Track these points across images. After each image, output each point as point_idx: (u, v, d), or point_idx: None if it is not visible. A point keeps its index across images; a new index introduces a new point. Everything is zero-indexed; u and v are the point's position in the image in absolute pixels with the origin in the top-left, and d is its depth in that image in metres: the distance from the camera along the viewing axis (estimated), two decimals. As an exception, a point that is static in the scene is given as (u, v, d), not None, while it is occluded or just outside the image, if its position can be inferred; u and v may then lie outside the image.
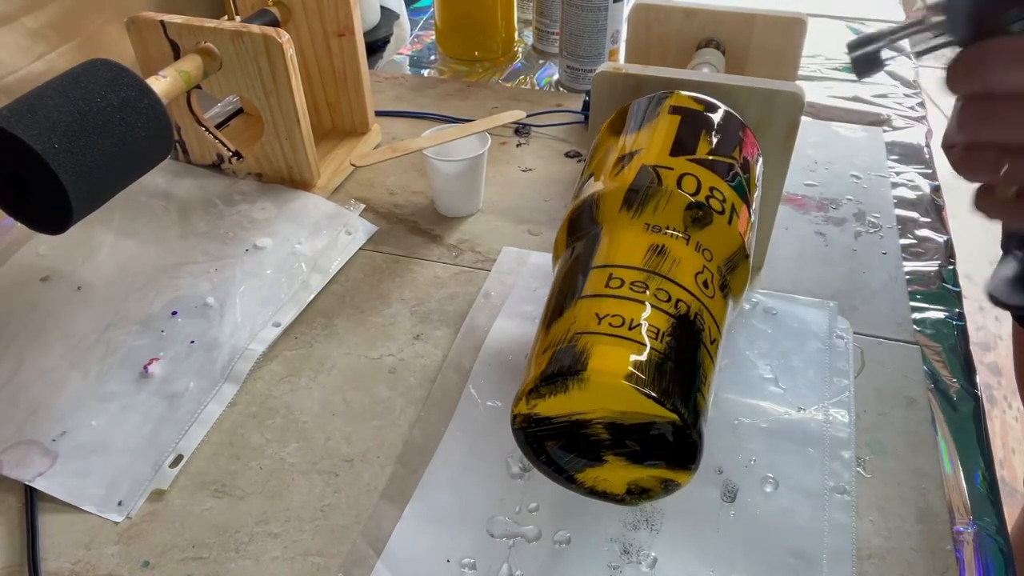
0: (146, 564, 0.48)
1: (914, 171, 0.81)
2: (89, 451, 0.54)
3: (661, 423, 0.41)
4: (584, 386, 0.41)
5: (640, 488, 0.45)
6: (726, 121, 0.53)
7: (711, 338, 0.44)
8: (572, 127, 0.89)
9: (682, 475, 0.43)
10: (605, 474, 0.45)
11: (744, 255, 0.48)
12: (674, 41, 0.72)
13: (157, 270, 0.67)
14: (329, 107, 0.84)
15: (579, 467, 0.45)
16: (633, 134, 0.52)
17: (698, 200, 0.47)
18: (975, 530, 0.49)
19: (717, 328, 0.45)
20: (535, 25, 1.05)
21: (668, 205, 0.47)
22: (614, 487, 0.46)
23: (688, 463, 0.42)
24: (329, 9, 0.75)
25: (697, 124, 0.52)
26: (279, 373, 0.60)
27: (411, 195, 0.78)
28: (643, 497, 0.45)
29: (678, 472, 0.43)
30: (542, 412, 0.43)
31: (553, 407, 0.42)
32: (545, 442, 0.45)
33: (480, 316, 0.63)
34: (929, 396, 0.57)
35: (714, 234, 0.47)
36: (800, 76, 0.73)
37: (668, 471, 0.43)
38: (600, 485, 0.46)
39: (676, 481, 0.43)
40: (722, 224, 0.47)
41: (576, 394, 0.41)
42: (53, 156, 0.49)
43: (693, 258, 0.46)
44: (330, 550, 0.48)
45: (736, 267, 0.48)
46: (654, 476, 0.44)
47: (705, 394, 0.42)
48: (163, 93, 0.61)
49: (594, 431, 0.43)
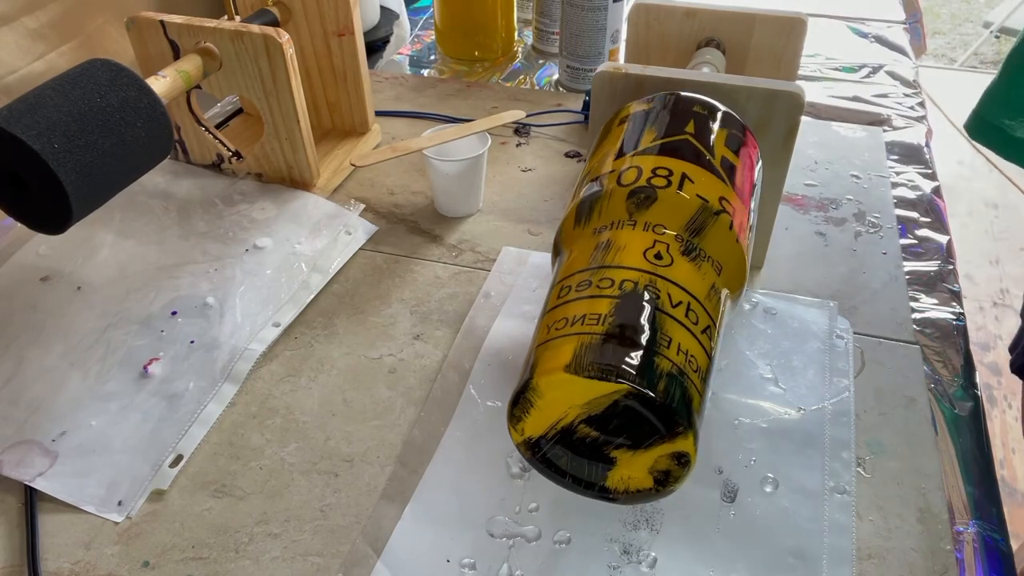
0: (146, 564, 0.48)
1: (914, 171, 0.81)
2: (89, 451, 0.54)
3: (621, 397, 0.40)
4: (539, 393, 0.42)
5: (664, 472, 0.43)
6: (671, 105, 0.54)
7: (673, 302, 0.44)
8: (572, 127, 0.89)
9: (680, 441, 0.41)
10: (625, 472, 0.44)
11: (711, 213, 0.47)
12: (674, 41, 0.72)
13: (157, 270, 0.67)
14: (329, 107, 0.84)
15: (601, 475, 0.45)
16: (596, 155, 0.55)
17: (637, 186, 0.48)
18: (975, 530, 0.49)
19: (682, 290, 0.44)
20: (535, 25, 1.05)
21: (610, 203, 0.49)
22: (642, 481, 0.44)
23: (674, 427, 0.41)
24: (329, 9, 0.75)
25: (640, 121, 0.54)
26: (279, 373, 0.60)
27: (411, 195, 0.78)
28: (674, 481, 0.43)
29: (676, 441, 0.41)
30: (533, 434, 0.44)
31: (536, 425, 0.44)
32: (557, 462, 0.45)
33: (480, 316, 0.63)
34: (929, 396, 0.57)
35: (662, 207, 0.48)
36: (800, 76, 0.73)
37: (668, 443, 0.42)
38: (632, 485, 0.45)
39: (682, 451, 0.41)
40: (670, 195, 0.48)
41: (541, 404, 0.42)
42: (53, 156, 0.49)
43: (640, 238, 0.47)
44: (330, 550, 0.48)
45: (704, 227, 0.48)
46: (663, 455, 0.42)
47: (670, 355, 0.41)
48: (163, 93, 0.61)
49: (582, 432, 0.43)
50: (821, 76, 1.00)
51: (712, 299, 0.46)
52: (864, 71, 1.01)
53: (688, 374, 0.42)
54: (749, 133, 0.54)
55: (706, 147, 0.51)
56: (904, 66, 1.02)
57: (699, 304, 0.44)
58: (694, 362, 0.42)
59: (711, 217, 0.47)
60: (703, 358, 0.43)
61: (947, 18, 3.55)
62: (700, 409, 0.42)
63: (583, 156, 0.83)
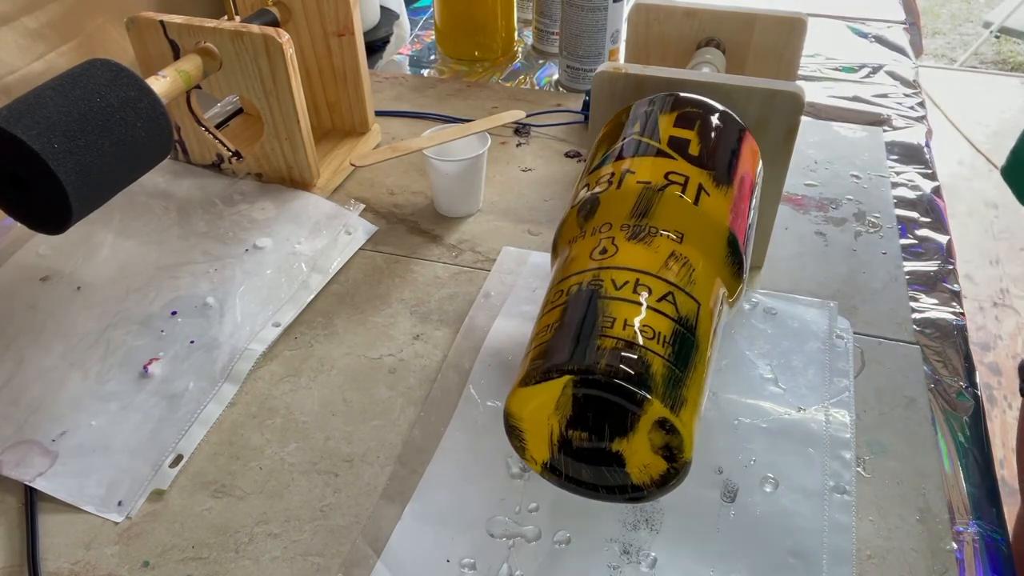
0: (146, 564, 0.48)
1: (914, 171, 0.81)
2: (89, 451, 0.54)
3: (573, 388, 0.41)
4: (516, 417, 0.44)
5: (667, 448, 0.42)
6: (624, 116, 0.55)
7: (617, 285, 0.44)
8: (572, 127, 0.89)
9: (651, 409, 0.40)
10: (639, 462, 0.43)
11: (654, 191, 0.48)
12: (674, 41, 0.72)
13: (157, 270, 0.67)
14: (329, 107, 0.84)
15: (621, 474, 0.44)
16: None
17: (583, 200, 0.50)
18: (975, 530, 0.49)
19: (628, 271, 0.45)
20: (535, 25, 1.05)
21: (567, 225, 0.51)
22: (658, 464, 0.43)
23: (632, 396, 0.40)
24: (329, 9, 0.75)
25: (607, 138, 0.55)
26: (279, 373, 0.60)
27: (411, 195, 0.78)
28: (680, 453, 0.42)
29: (647, 409, 0.40)
30: (544, 458, 0.45)
31: (538, 448, 0.45)
32: (580, 477, 0.45)
33: (480, 316, 0.63)
34: (929, 396, 0.57)
35: (605, 208, 0.49)
36: (800, 76, 0.73)
37: (644, 415, 0.41)
38: (653, 472, 0.43)
39: (662, 418, 0.40)
40: (610, 195, 0.49)
41: (526, 427, 0.44)
42: (53, 156, 0.49)
43: (589, 243, 0.48)
44: (330, 550, 0.48)
45: (650, 206, 0.48)
46: (650, 430, 0.41)
47: (614, 333, 0.41)
48: (163, 93, 0.61)
49: (577, 439, 0.43)
50: (821, 76, 1.00)
51: (673, 266, 0.46)
52: (864, 71, 1.01)
53: (641, 344, 0.41)
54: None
55: (650, 136, 0.52)
56: (904, 66, 1.02)
57: (651, 276, 0.45)
58: (649, 330, 0.42)
59: (656, 194, 0.48)
60: (663, 322, 0.43)
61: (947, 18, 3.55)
62: (670, 372, 0.41)
63: (583, 156, 0.83)
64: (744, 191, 0.51)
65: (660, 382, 0.40)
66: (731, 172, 0.51)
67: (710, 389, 0.55)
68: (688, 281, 0.45)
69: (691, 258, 0.46)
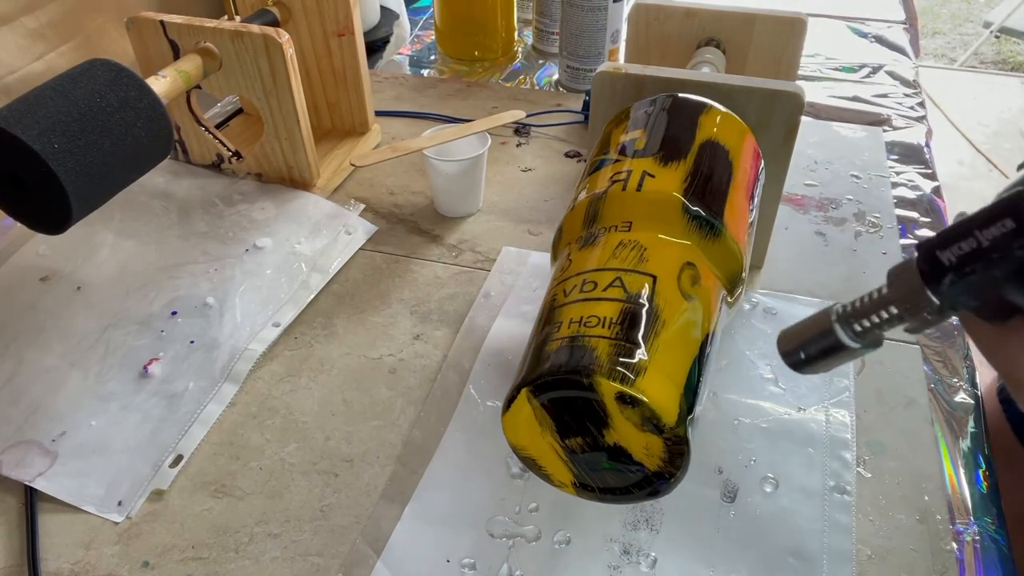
0: (146, 564, 0.48)
1: (914, 171, 0.81)
2: (89, 451, 0.54)
3: (535, 399, 0.42)
4: (517, 446, 0.45)
5: (648, 421, 0.41)
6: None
7: (566, 292, 0.45)
8: (572, 127, 0.89)
9: (605, 389, 0.40)
10: (637, 446, 0.42)
11: (598, 197, 0.49)
12: (674, 41, 0.72)
13: (157, 270, 0.67)
14: (329, 107, 0.84)
15: (634, 464, 0.43)
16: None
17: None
18: (975, 530, 0.49)
19: (575, 276, 0.46)
20: (535, 25, 1.05)
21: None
22: (652, 442, 0.42)
23: (580, 385, 0.40)
24: (329, 9, 0.75)
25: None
26: (279, 373, 0.60)
27: (411, 195, 0.78)
28: (666, 425, 0.41)
29: (602, 390, 0.40)
30: (567, 478, 0.45)
31: (555, 467, 0.45)
32: (608, 485, 0.45)
33: (480, 316, 0.63)
34: (929, 396, 0.57)
35: (563, 235, 0.52)
36: (800, 76, 0.73)
37: (605, 397, 0.41)
38: (653, 452, 0.42)
39: (619, 392, 0.40)
40: (566, 220, 0.51)
41: (531, 451, 0.45)
42: (53, 156, 0.49)
43: (552, 279, 0.49)
44: (330, 550, 0.48)
45: (597, 212, 0.49)
46: (621, 410, 0.41)
47: (560, 334, 0.42)
48: (163, 93, 0.61)
49: (576, 446, 0.43)
50: (821, 76, 1.00)
51: (621, 253, 0.46)
52: (864, 71, 1.01)
53: (583, 335, 0.42)
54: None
55: (603, 148, 0.54)
56: (904, 66, 1.02)
57: (597, 271, 0.45)
58: (594, 319, 0.42)
59: (600, 199, 0.49)
60: (610, 307, 0.43)
61: (947, 18, 3.55)
62: (617, 348, 0.41)
63: (583, 156, 0.83)
64: (715, 154, 0.51)
65: (605, 360, 0.40)
66: (681, 145, 0.51)
67: (710, 389, 0.55)
68: (639, 261, 0.46)
69: (642, 239, 0.47)
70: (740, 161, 0.53)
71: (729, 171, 0.51)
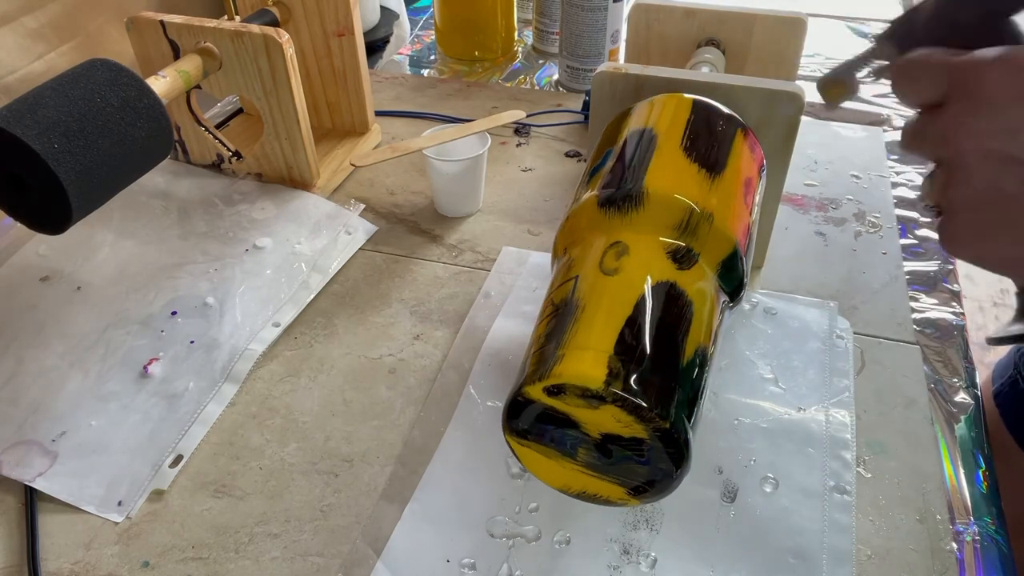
0: (146, 564, 0.48)
1: (914, 171, 0.81)
2: (89, 451, 0.54)
3: (515, 437, 0.44)
4: (569, 490, 0.45)
5: (585, 395, 0.41)
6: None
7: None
8: (572, 127, 0.89)
9: (532, 393, 0.41)
10: (625, 432, 0.41)
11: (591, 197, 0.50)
12: (674, 41, 0.72)
13: (157, 270, 0.67)
14: (329, 107, 0.84)
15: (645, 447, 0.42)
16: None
17: None
18: (975, 530, 0.49)
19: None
20: (535, 25, 1.05)
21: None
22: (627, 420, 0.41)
23: (518, 398, 0.41)
24: (329, 9, 0.75)
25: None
26: (279, 373, 0.60)
27: (411, 195, 0.78)
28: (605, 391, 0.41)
29: (532, 396, 0.41)
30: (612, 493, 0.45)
31: (596, 485, 0.45)
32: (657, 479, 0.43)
33: (480, 316, 0.63)
34: (929, 396, 0.57)
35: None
36: (800, 76, 0.73)
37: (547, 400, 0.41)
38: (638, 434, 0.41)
39: (547, 387, 0.40)
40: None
41: (567, 480, 0.45)
42: (53, 156, 0.49)
43: None
44: (330, 550, 0.48)
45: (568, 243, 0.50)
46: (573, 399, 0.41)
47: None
48: (163, 93, 0.61)
49: (589, 458, 0.43)
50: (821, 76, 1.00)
51: (557, 279, 0.47)
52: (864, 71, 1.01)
53: (527, 362, 0.43)
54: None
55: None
56: (904, 66, 1.02)
57: (549, 304, 0.45)
58: (537, 342, 0.43)
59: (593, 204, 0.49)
60: (540, 328, 0.44)
61: (947, 18, 3.54)
62: (540, 352, 0.42)
63: (583, 156, 0.83)
64: (637, 142, 0.51)
65: (532, 370, 0.41)
66: (604, 147, 0.52)
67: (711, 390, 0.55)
68: (566, 271, 0.46)
69: (574, 253, 0.48)
70: (673, 131, 0.52)
71: (651, 146, 0.50)
